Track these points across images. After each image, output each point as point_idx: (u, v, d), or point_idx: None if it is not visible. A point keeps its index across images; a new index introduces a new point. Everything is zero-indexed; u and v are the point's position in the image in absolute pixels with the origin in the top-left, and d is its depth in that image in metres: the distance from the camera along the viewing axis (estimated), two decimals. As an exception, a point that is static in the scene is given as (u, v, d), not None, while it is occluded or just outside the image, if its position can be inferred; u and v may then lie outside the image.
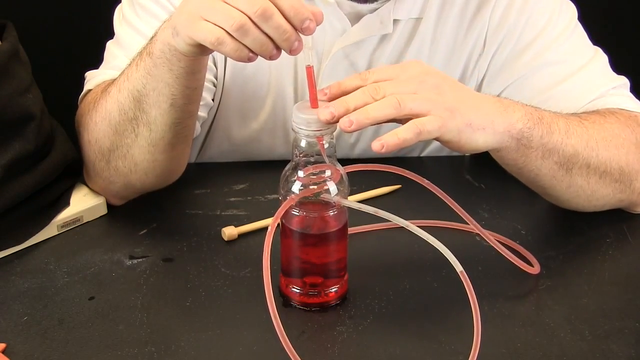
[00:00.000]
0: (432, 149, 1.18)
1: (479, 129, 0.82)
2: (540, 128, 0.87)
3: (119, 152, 0.93)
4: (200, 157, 1.16)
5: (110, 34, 1.07)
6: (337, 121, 0.76)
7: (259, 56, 0.77)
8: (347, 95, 0.78)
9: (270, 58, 0.77)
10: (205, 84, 1.03)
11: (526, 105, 0.89)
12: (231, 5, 0.75)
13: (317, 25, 0.76)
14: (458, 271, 0.76)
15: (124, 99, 0.90)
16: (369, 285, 0.89)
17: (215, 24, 0.76)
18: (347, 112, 0.77)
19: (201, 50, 0.81)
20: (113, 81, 0.94)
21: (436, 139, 0.80)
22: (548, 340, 0.82)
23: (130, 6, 1.04)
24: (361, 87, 0.79)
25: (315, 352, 0.80)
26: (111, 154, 0.94)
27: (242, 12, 0.75)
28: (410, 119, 0.78)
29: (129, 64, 0.91)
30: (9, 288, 0.88)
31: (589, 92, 1.03)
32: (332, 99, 0.79)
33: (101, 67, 1.04)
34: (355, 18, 1.04)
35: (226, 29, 0.75)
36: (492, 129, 0.83)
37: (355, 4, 1.03)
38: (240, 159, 1.15)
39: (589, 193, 0.95)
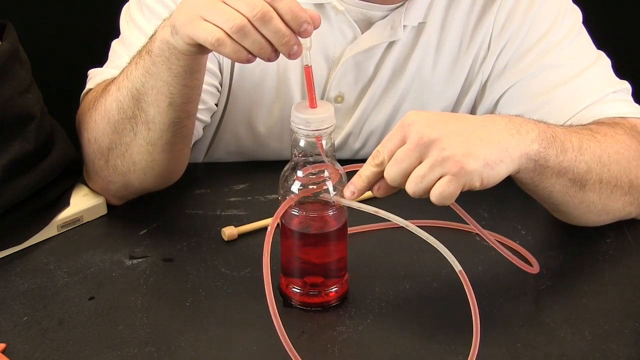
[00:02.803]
0: None
1: (497, 163, 0.79)
2: (555, 146, 0.85)
3: (117, 151, 0.93)
4: (208, 159, 1.16)
5: (109, 34, 1.07)
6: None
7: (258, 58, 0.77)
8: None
9: (269, 60, 0.77)
10: (209, 88, 1.03)
11: (538, 122, 0.86)
12: (231, 7, 0.75)
13: (315, 29, 0.77)
14: (457, 270, 0.76)
15: (123, 97, 0.90)
16: (369, 285, 0.89)
17: (215, 25, 0.76)
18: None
19: (200, 50, 0.81)
20: (113, 80, 0.94)
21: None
22: (548, 340, 0.82)
23: (137, 6, 1.03)
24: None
25: (315, 352, 0.80)
26: (110, 152, 0.94)
27: (241, 14, 0.75)
28: None
29: (129, 63, 0.91)
30: (9, 288, 0.88)
31: (589, 95, 1.02)
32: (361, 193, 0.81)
33: (105, 65, 1.04)
34: (366, 25, 1.04)
35: (226, 30, 0.75)
36: (509, 157, 0.80)
37: (365, 11, 1.02)
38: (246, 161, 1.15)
39: (600, 208, 0.93)
